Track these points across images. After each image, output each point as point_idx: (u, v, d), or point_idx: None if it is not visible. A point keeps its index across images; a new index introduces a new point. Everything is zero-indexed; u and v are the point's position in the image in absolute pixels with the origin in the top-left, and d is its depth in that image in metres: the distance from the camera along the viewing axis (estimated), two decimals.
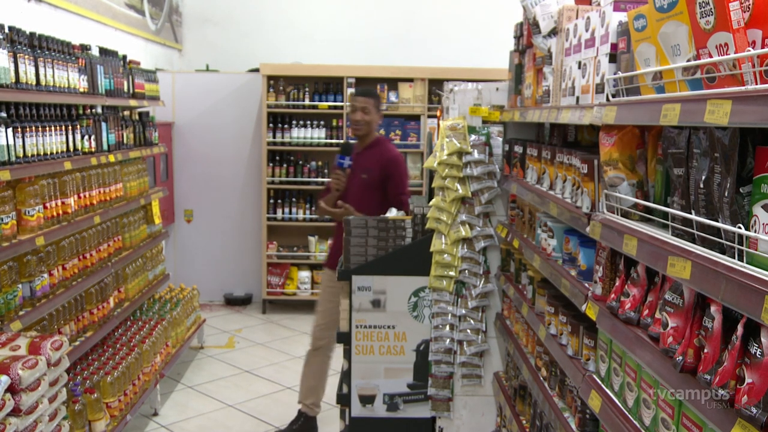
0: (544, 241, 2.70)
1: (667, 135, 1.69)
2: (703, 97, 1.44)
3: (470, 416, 3.61)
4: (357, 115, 4.16)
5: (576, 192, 2.31)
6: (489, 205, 3.48)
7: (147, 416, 4.64)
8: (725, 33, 1.36)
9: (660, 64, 1.69)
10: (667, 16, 1.60)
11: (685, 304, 1.59)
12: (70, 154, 3.66)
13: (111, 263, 4.21)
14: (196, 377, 5.36)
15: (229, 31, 7.87)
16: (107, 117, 4.27)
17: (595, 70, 2.14)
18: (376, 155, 4.16)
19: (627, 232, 1.82)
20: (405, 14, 7.80)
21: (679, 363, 1.52)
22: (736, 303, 1.31)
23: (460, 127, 3.47)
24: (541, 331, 2.67)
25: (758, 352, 1.27)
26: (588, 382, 2.16)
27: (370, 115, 4.17)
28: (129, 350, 4.23)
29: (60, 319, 3.58)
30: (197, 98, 7.16)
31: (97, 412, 3.57)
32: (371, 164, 4.13)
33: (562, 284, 2.37)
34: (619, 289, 1.95)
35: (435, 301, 3.51)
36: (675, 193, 1.67)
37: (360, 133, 4.20)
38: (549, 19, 2.65)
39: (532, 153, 2.95)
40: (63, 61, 3.58)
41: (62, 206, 3.57)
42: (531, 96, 2.96)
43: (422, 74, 6.99)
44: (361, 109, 4.16)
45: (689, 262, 1.48)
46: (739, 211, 1.39)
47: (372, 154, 4.17)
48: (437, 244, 3.47)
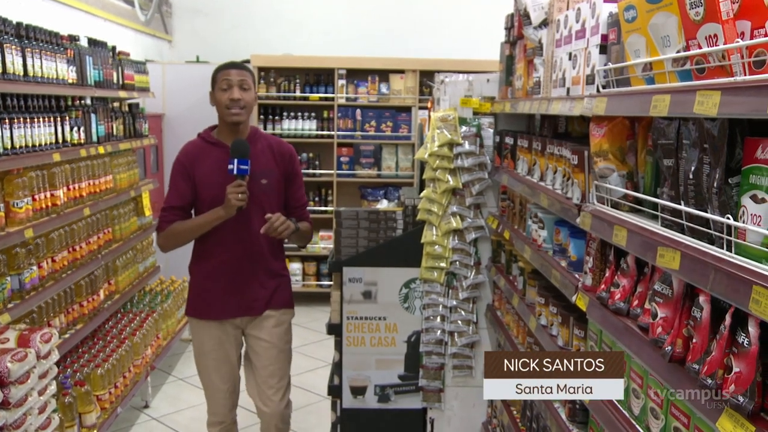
0: (535, 232, 2.71)
1: (657, 126, 1.70)
2: (693, 89, 1.44)
3: (461, 407, 3.63)
4: (235, 92, 3.01)
5: (566, 183, 2.32)
6: (480, 197, 3.48)
7: (138, 408, 4.63)
8: (714, 24, 1.36)
9: (650, 55, 1.69)
10: (657, 7, 1.60)
11: (674, 294, 1.60)
12: (59, 146, 3.63)
13: (101, 255, 4.19)
14: (188, 369, 5.36)
15: (220, 23, 7.82)
16: (96, 108, 4.24)
17: (586, 61, 2.14)
18: (266, 150, 3.14)
19: (617, 222, 1.82)
20: (396, 5, 7.77)
21: (668, 353, 1.53)
22: (724, 293, 1.31)
23: (451, 118, 3.46)
24: (532, 322, 2.68)
25: (745, 341, 1.28)
26: None
27: (251, 93, 3.08)
28: (119, 342, 4.22)
29: (49, 312, 3.57)
30: (188, 90, 7.11)
31: (88, 405, 3.56)
32: (267, 163, 3.11)
33: (553, 275, 2.38)
34: (609, 279, 1.96)
35: (426, 292, 3.52)
36: (664, 184, 1.67)
37: (240, 118, 3.04)
38: (540, 10, 2.65)
39: (522, 144, 2.96)
40: (51, 51, 3.55)
41: (51, 198, 3.54)
42: (522, 87, 2.96)
43: (413, 66, 6.98)
44: (239, 84, 3.04)
45: (678, 253, 1.49)
46: (728, 202, 1.40)
47: (261, 151, 3.11)
48: (428, 235, 3.48)
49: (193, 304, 3.22)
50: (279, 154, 3.17)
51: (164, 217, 3.10)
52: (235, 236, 3.06)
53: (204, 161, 3.09)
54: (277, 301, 3.20)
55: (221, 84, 3.04)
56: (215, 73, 3.09)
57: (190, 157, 3.12)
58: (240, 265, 3.10)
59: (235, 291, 3.12)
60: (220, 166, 3.00)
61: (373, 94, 7.08)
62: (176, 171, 3.14)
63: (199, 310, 3.17)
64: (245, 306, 3.14)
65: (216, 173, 3.03)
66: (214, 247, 3.10)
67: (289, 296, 3.28)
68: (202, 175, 3.07)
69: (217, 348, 3.16)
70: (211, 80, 3.11)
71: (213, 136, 3.15)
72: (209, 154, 3.09)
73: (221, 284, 3.11)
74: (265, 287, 3.16)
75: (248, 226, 3.04)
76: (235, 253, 3.09)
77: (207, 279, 3.14)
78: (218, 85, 3.05)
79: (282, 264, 3.28)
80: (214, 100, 3.09)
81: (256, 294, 3.14)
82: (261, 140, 3.17)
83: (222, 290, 3.11)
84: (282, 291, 3.23)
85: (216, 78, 3.08)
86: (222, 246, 3.08)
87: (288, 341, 3.28)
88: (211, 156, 3.08)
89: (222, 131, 3.15)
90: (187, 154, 3.15)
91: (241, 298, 3.12)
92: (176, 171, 3.14)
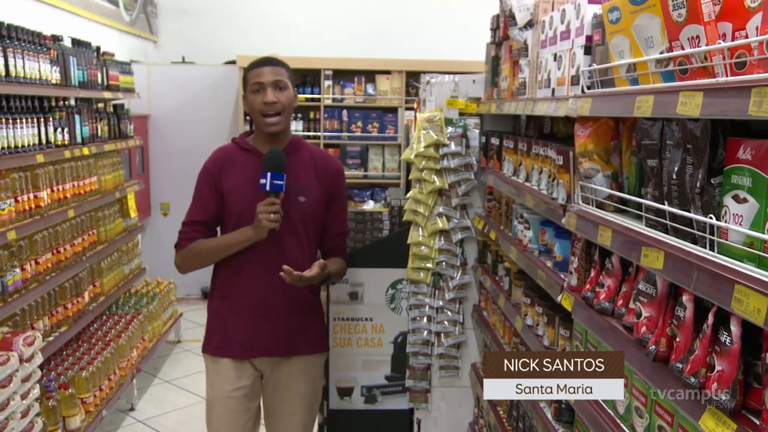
0: (521, 233, 2.71)
1: (641, 127, 1.71)
2: (676, 89, 1.45)
3: (448, 407, 3.63)
4: (269, 94, 2.55)
5: (552, 183, 2.32)
6: (466, 197, 3.49)
7: (123, 411, 4.60)
8: (697, 26, 1.37)
9: (634, 56, 1.70)
10: (640, 9, 1.61)
11: (658, 294, 1.61)
12: (43, 147, 3.60)
13: (86, 257, 4.16)
14: (174, 371, 5.33)
15: (205, 23, 7.80)
16: (81, 109, 4.21)
17: (571, 62, 2.15)
18: (307, 163, 2.69)
19: (601, 223, 1.83)
20: (382, 6, 7.78)
21: (652, 352, 1.54)
22: (707, 292, 1.32)
23: (437, 119, 3.47)
24: (518, 322, 2.69)
25: (728, 340, 1.29)
26: None
27: (288, 93, 2.61)
28: (105, 345, 4.19)
29: (33, 315, 3.54)
30: (173, 90, 7.09)
31: (72, 408, 3.53)
32: (307, 178, 2.67)
33: (538, 275, 2.38)
34: (594, 279, 1.96)
35: (412, 293, 3.52)
36: (648, 185, 1.68)
37: (278, 128, 2.60)
38: (525, 11, 2.66)
39: (508, 145, 2.96)
40: (34, 51, 3.52)
41: (35, 200, 3.52)
42: (507, 88, 2.97)
43: (400, 66, 6.99)
44: (273, 84, 2.57)
45: (662, 253, 1.50)
46: (711, 202, 1.41)
47: (302, 163, 2.68)
48: (414, 236, 3.48)
49: (209, 338, 2.75)
50: (323, 170, 2.71)
51: (185, 233, 2.67)
52: (263, 262, 2.60)
53: (234, 169, 2.65)
54: (309, 342, 2.76)
55: (252, 86, 2.59)
56: (246, 73, 2.65)
57: (219, 164, 2.68)
58: (267, 296, 2.64)
59: (260, 326, 2.66)
60: (252, 176, 2.58)
61: (359, 94, 7.08)
62: (202, 180, 2.71)
63: (215, 346, 2.71)
64: (271, 345, 2.69)
65: (248, 184, 2.60)
66: (239, 273, 2.65)
67: (322, 336, 2.85)
68: (231, 185, 2.64)
69: (232, 394, 2.68)
70: (243, 81, 2.70)
71: (248, 142, 2.71)
72: (241, 162, 2.66)
73: (244, 316, 2.66)
74: (296, 324, 2.71)
75: (280, 250, 2.60)
76: (261, 282, 2.63)
77: (227, 309, 2.69)
78: (249, 87, 2.61)
79: (316, 297, 2.82)
80: (247, 105, 2.66)
81: (285, 331, 2.69)
82: (303, 151, 2.71)
83: (244, 323, 2.66)
84: (314, 330, 2.79)
85: (247, 78, 2.64)
86: (247, 272, 2.64)
87: (317, 390, 2.85)
88: (244, 164, 2.65)
89: (258, 137, 2.71)
90: (216, 160, 2.71)
91: (266, 334, 2.67)
92: (202, 180, 2.71)
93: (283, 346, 2.69)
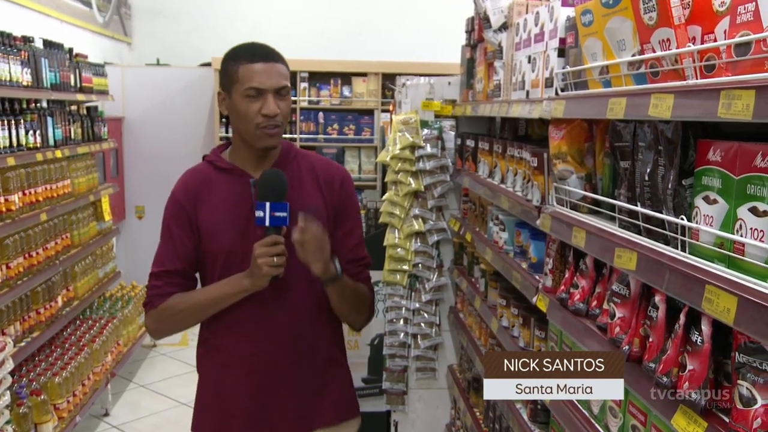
0: (496, 234, 2.72)
1: (614, 128, 1.72)
2: (647, 92, 1.46)
3: (425, 409, 3.63)
4: (270, 104, 1.91)
5: (526, 185, 2.34)
6: (442, 199, 3.50)
7: (98, 417, 4.55)
8: (667, 29, 1.39)
9: (606, 59, 1.72)
10: (612, 12, 1.63)
11: (631, 294, 1.62)
12: (14, 150, 3.55)
13: (59, 261, 4.10)
14: (149, 376, 5.28)
15: (180, 25, 7.73)
16: (53, 111, 4.15)
17: (545, 65, 2.16)
18: (307, 176, 2.07)
19: (576, 224, 1.84)
20: (358, 8, 7.77)
21: (625, 352, 1.55)
22: (678, 293, 1.34)
23: (412, 121, 3.47)
24: (494, 324, 2.70)
25: (699, 339, 1.31)
26: None
27: (290, 98, 2.02)
28: (78, 350, 4.13)
29: (4, 320, 3.48)
30: (148, 93, 7.02)
31: (44, 415, 3.48)
32: (311, 197, 2.04)
33: (514, 277, 2.39)
34: (568, 281, 1.98)
35: (389, 295, 3.52)
36: (621, 186, 1.70)
37: (275, 141, 1.98)
38: (499, 13, 2.67)
39: (483, 147, 2.97)
40: (3, 53, 3.46)
41: (5, 203, 3.46)
42: (482, 90, 2.98)
43: (376, 68, 6.99)
44: (276, 90, 1.93)
45: (635, 254, 1.51)
46: (682, 203, 1.42)
47: (300, 177, 2.06)
48: (390, 238, 3.48)
49: (200, 419, 2.11)
50: (326, 182, 2.08)
51: (156, 288, 2.03)
52: (266, 316, 2.00)
53: (212, 197, 2.02)
54: (336, 409, 2.13)
55: (247, 90, 1.91)
56: (231, 65, 1.95)
57: (192, 192, 2.03)
58: (275, 360, 2.02)
59: (268, 402, 2.03)
60: (237, 203, 1.99)
61: (335, 97, 7.06)
62: (170, 214, 2.04)
63: (210, 430, 2.09)
64: (286, 423, 2.06)
65: (231, 215, 1.99)
66: (233, 334, 2.03)
67: (352, 398, 2.22)
68: (210, 218, 2.00)
69: None
70: (225, 75, 1.98)
71: (225, 160, 2.07)
72: (220, 186, 2.02)
73: (244, 390, 2.03)
74: (317, 390, 2.09)
75: (287, 299, 2.01)
76: (266, 344, 2.01)
77: (222, 382, 2.06)
78: (240, 89, 1.92)
79: (341, 347, 2.20)
80: (230, 108, 1.98)
81: (303, 402, 2.07)
82: (299, 162, 2.09)
83: (246, 400, 2.03)
84: (343, 391, 2.17)
85: (233, 74, 1.94)
86: (245, 332, 2.02)
87: None
88: (224, 189, 2.02)
89: (239, 152, 2.05)
90: (186, 186, 2.05)
91: (277, 411, 2.04)
92: (170, 214, 2.04)
93: (304, 419, 2.07)
